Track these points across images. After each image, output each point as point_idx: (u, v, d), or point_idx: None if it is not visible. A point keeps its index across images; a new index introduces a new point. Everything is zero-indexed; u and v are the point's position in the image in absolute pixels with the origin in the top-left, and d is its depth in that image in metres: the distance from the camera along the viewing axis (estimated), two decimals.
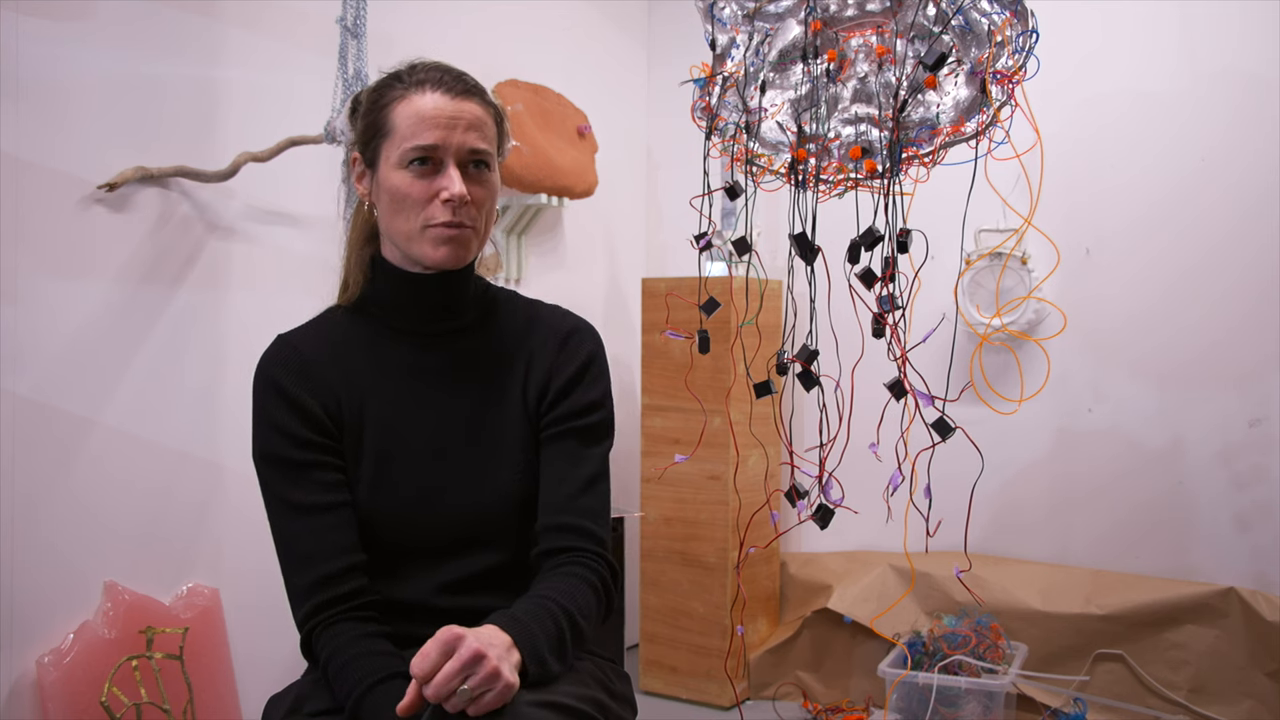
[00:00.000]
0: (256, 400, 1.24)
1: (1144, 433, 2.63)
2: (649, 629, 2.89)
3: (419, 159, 1.18)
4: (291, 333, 1.29)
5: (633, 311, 3.30)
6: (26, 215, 1.80)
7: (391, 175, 1.19)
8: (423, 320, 1.28)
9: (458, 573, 1.24)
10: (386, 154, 1.20)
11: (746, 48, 1.60)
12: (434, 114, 1.18)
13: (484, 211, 1.23)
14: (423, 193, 1.19)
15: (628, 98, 3.41)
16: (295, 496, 1.20)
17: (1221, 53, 2.53)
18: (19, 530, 1.80)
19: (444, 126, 1.18)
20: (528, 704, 1.00)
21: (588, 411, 1.28)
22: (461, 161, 1.20)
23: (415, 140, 1.18)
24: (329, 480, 1.21)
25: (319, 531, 1.19)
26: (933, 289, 1.80)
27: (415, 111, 1.18)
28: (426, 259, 1.22)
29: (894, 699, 2.41)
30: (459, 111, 1.19)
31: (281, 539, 1.21)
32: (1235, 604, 2.40)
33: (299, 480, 1.20)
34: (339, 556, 1.18)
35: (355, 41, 2.02)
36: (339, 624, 1.16)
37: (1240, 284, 2.51)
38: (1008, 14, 1.41)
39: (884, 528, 2.04)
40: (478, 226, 1.23)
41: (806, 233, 1.54)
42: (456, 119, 1.18)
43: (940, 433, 1.49)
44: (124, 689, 1.83)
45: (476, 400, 1.28)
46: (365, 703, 1.09)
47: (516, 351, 1.31)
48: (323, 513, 1.19)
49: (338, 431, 1.23)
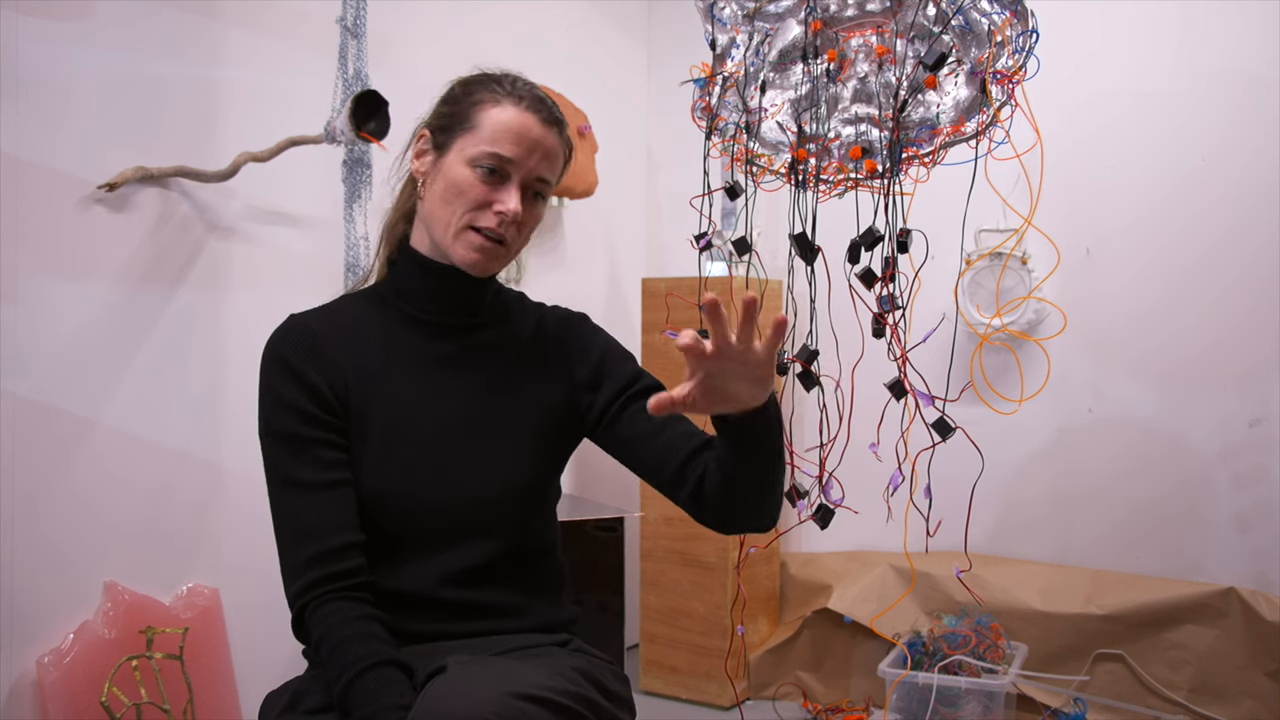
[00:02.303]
0: (264, 375, 1.25)
1: (1144, 433, 2.63)
2: (649, 629, 2.89)
3: (491, 168, 1.21)
4: (304, 313, 1.30)
5: (633, 311, 3.30)
6: (26, 215, 1.80)
7: (458, 168, 1.22)
8: (440, 311, 1.30)
9: (460, 563, 1.24)
10: (461, 146, 1.22)
11: (746, 48, 1.60)
12: (522, 130, 1.22)
13: (524, 234, 1.27)
14: (481, 196, 1.21)
15: (628, 98, 3.41)
16: (298, 472, 1.20)
17: (1221, 53, 2.53)
18: (19, 530, 1.80)
19: (526, 146, 1.22)
20: (513, 696, 0.99)
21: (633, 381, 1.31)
22: (526, 184, 1.23)
23: (496, 148, 1.21)
24: (331, 459, 1.21)
25: (318, 507, 1.19)
26: (933, 289, 1.80)
27: (506, 121, 1.22)
28: (456, 257, 1.24)
29: (894, 699, 2.41)
30: (543, 138, 1.23)
31: (280, 515, 1.21)
32: (1235, 604, 2.40)
33: (302, 456, 1.20)
34: (337, 533, 1.18)
35: (355, 41, 2.02)
36: (333, 602, 1.15)
37: (1240, 283, 2.51)
38: (1008, 14, 1.41)
39: (884, 528, 2.04)
40: (513, 246, 1.26)
41: (806, 233, 1.54)
42: (539, 144, 1.23)
43: (940, 433, 1.49)
44: (124, 689, 1.84)
45: (486, 391, 1.29)
46: (355, 688, 1.09)
47: (528, 348, 1.33)
48: (324, 489, 1.20)
49: (343, 411, 1.24)
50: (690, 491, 1.23)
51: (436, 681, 1.03)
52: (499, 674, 1.04)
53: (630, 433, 1.28)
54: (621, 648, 2.80)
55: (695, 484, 1.22)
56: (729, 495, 1.20)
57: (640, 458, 1.28)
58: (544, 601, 1.31)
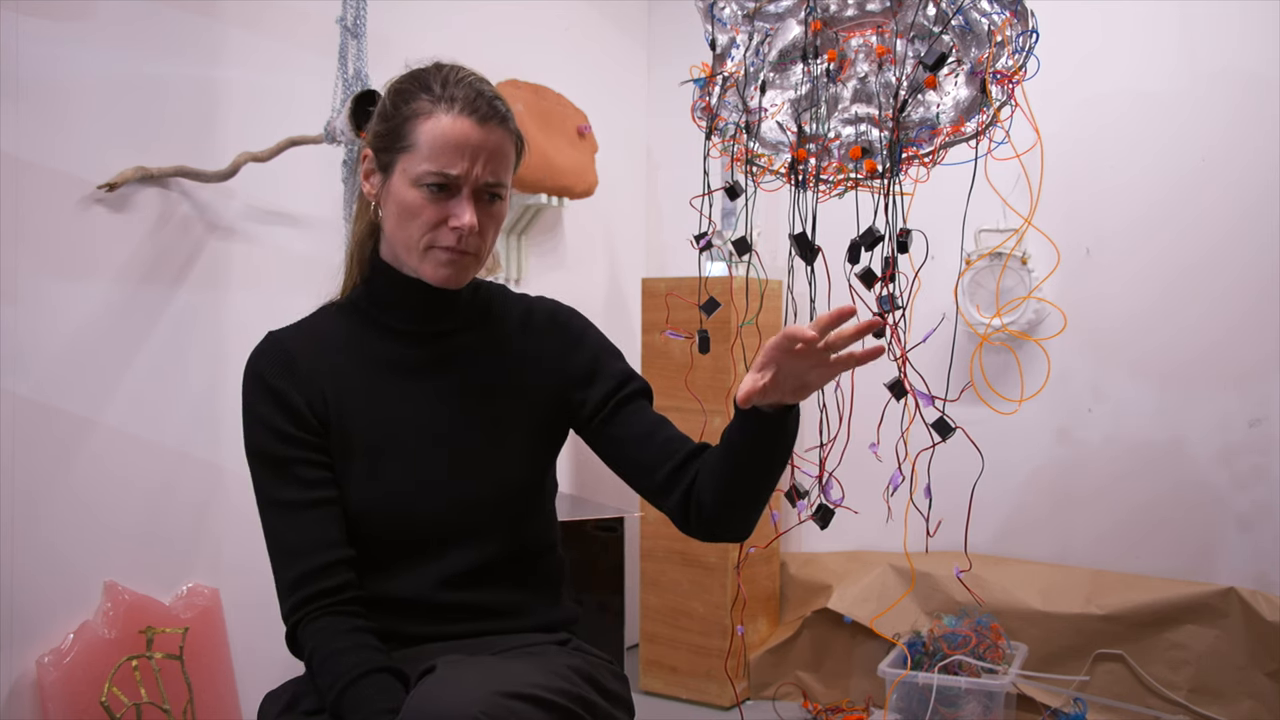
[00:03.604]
0: (245, 395, 1.25)
1: (1144, 433, 2.63)
2: (649, 629, 2.89)
3: (438, 185, 1.16)
4: (281, 330, 1.30)
5: (633, 311, 3.30)
6: (26, 215, 1.80)
7: (405, 190, 1.18)
8: (417, 319, 1.28)
9: (456, 567, 1.23)
10: (404, 166, 1.18)
11: (746, 48, 1.60)
12: (460, 141, 1.16)
13: (488, 239, 1.23)
14: (434, 216, 1.17)
15: (628, 98, 3.41)
16: (280, 493, 1.20)
17: (1221, 52, 2.53)
18: (19, 530, 1.80)
19: (467, 158, 1.16)
20: (502, 695, 0.99)
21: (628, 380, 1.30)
22: (477, 192, 1.19)
23: (436, 165, 1.15)
24: (314, 477, 1.21)
25: (302, 527, 1.19)
26: (933, 289, 1.80)
27: (441, 135, 1.15)
28: (426, 276, 1.21)
29: (894, 699, 2.41)
30: (484, 141, 1.17)
31: (268, 534, 1.22)
32: (1235, 604, 2.40)
33: (284, 476, 1.20)
34: (322, 551, 1.18)
35: (355, 41, 2.02)
36: (323, 618, 1.16)
37: (1240, 284, 2.51)
38: (1008, 14, 1.41)
39: (884, 528, 2.04)
40: (480, 253, 1.23)
41: (806, 233, 1.54)
42: (480, 149, 1.17)
43: (940, 433, 1.49)
44: (124, 689, 1.84)
45: (470, 394, 1.27)
46: (347, 696, 1.09)
47: (514, 345, 1.31)
48: (306, 509, 1.19)
49: (323, 428, 1.23)
50: (680, 497, 1.23)
51: (425, 681, 1.02)
52: (489, 673, 1.03)
53: (624, 433, 1.27)
54: (621, 648, 2.80)
55: (686, 489, 1.22)
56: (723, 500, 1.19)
57: (632, 459, 1.27)
58: (545, 600, 1.31)
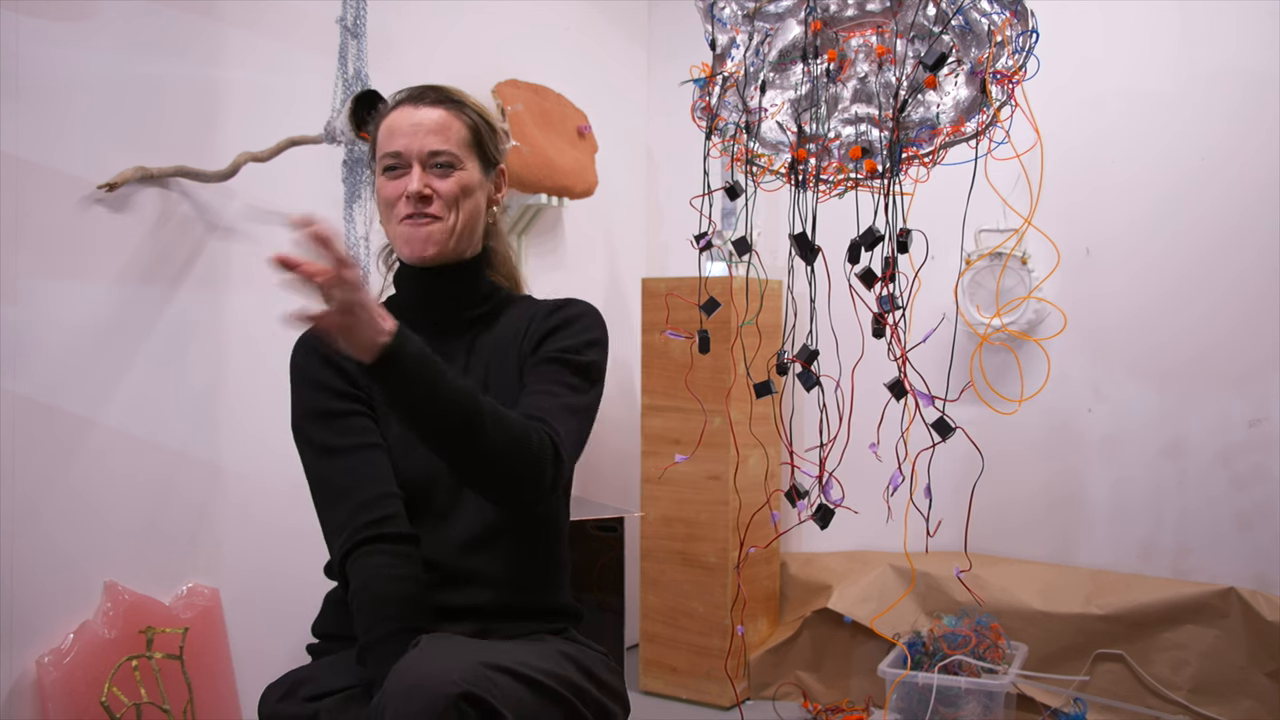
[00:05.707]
0: (295, 366, 1.34)
1: (1144, 433, 2.63)
2: (649, 629, 2.89)
3: (390, 166, 1.32)
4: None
5: (633, 311, 3.30)
6: (26, 215, 1.80)
7: (378, 182, 1.34)
8: (436, 311, 1.37)
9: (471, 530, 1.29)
10: (375, 165, 1.35)
11: (746, 48, 1.60)
12: (401, 123, 1.32)
13: (452, 204, 1.32)
14: (393, 193, 1.32)
15: (628, 98, 3.41)
16: (334, 441, 1.28)
17: (1221, 53, 2.53)
18: (19, 530, 1.80)
19: (408, 134, 1.31)
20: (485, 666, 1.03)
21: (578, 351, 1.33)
22: (424, 163, 1.31)
23: (386, 148, 1.32)
24: (364, 426, 1.30)
25: (354, 468, 1.27)
26: (933, 289, 1.80)
27: (390, 123, 1.33)
28: (403, 256, 1.34)
29: (894, 699, 2.41)
30: (423, 119, 1.32)
31: (317, 481, 1.29)
32: (1235, 604, 2.40)
33: (337, 426, 1.29)
34: (373, 485, 1.26)
35: (355, 41, 2.02)
36: (374, 556, 1.22)
37: (1240, 284, 2.51)
38: (1008, 14, 1.41)
39: (884, 528, 2.04)
40: (444, 218, 1.32)
41: (806, 233, 1.54)
42: (419, 125, 1.31)
43: (940, 433, 1.49)
44: (124, 689, 1.84)
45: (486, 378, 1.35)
46: (376, 650, 1.16)
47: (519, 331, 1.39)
48: (358, 451, 1.28)
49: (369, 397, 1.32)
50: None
51: (409, 654, 1.06)
52: (474, 647, 1.09)
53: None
54: (621, 648, 2.80)
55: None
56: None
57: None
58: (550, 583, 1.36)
